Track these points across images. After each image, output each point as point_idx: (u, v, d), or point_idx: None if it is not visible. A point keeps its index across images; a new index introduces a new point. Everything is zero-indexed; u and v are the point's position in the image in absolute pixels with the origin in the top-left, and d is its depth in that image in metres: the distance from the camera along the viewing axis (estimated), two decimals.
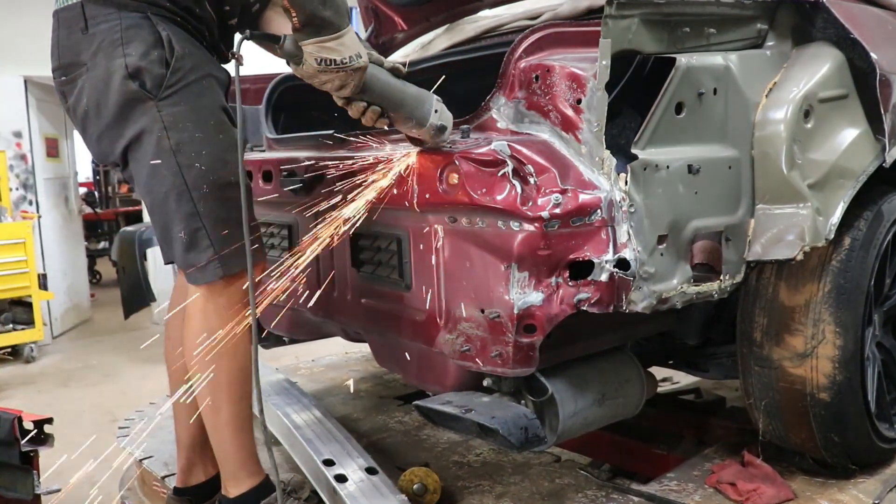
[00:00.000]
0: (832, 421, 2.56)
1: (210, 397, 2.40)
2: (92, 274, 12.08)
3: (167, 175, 2.28)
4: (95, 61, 2.27)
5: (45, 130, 9.12)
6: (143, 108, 2.25)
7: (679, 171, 2.19)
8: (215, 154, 2.31)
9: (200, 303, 2.38)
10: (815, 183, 2.40)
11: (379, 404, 3.98)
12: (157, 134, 2.26)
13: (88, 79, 2.29)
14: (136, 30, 2.24)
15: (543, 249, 2.05)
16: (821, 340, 2.50)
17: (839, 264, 2.52)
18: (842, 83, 2.54)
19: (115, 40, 2.24)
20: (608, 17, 2.04)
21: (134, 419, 3.79)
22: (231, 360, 2.39)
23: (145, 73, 2.23)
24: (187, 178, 2.27)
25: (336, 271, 2.83)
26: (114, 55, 2.24)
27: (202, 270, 2.34)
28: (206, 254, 2.32)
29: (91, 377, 7.20)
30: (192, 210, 2.29)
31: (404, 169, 2.30)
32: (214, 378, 2.37)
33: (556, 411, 2.33)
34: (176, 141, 2.26)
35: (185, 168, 2.27)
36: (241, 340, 2.38)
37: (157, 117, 2.26)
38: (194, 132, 2.28)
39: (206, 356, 2.35)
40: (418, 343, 2.46)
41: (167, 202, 2.30)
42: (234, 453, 2.47)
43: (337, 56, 2.07)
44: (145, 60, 2.23)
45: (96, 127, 2.34)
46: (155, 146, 2.27)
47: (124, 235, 7.32)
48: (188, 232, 2.31)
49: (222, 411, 2.42)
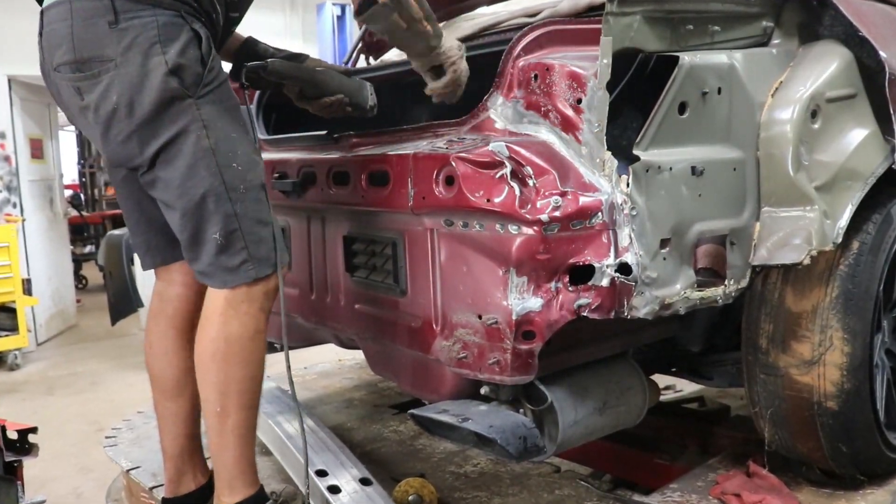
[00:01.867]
0: (840, 430, 2.56)
1: (219, 404, 2.40)
2: (78, 279, 12.07)
3: (206, 175, 2.27)
4: (128, 57, 2.21)
5: (30, 131, 9.12)
6: (182, 106, 2.25)
7: (682, 172, 2.19)
8: (248, 154, 2.34)
9: (220, 307, 2.36)
10: (822, 185, 2.40)
11: (373, 413, 3.97)
12: (196, 133, 2.26)
13: (118, 76, 2.23)
14: (173, 28, 2.23)
15: (542, 253, 2.05)
16: (828, 347, 2.50)
17: (847, 269, 2.52)
18: (850, 82, 2.54)
19: (152, 37, 2.21)
20: (609, 15, 2.04)
21: (121, 428, 3.78)
22: (244, 368, 2.38)
23: (185, 70, 2.23)
24: (226, 177, 2.28)
25: (329, 276, 2.83)
26: (151, 52, 2.21)
27: (233, 273, 2.33)
28: (240, 256, 2.32)
29: (77, 385, 7.19)
30: (229, 211, 2.29)
31: None
32: (225, 385, 2.37)
33: (555, 420, 2.33)
34: (215, 140, 2.27)
35: (223, 168, 2.28)
36: (256, 349, 2.39)
37: (197, 116, 2.25)
38: (230, 131, 2.31)
39: (220, 362, 2.36)
40: (414, 350, 2.46)
41: (204, 203, 2.29)
42: (234, 462, 2.45)
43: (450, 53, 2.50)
44: (184, 58, 2.23)
45: (125, 127, 2.27)
46: (194, 146, 2.26)
47: (111, 239, 7.31)
48: (224, 233, 2.30)
49: (230, 418, 2.40)
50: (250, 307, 2.36)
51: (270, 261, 2.35)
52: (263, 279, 2.35)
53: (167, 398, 2.68)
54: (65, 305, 9.70)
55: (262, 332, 2.40)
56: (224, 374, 2.37)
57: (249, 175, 2.32)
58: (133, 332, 8.70)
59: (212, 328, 2.38)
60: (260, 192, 2.35)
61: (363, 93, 2.68)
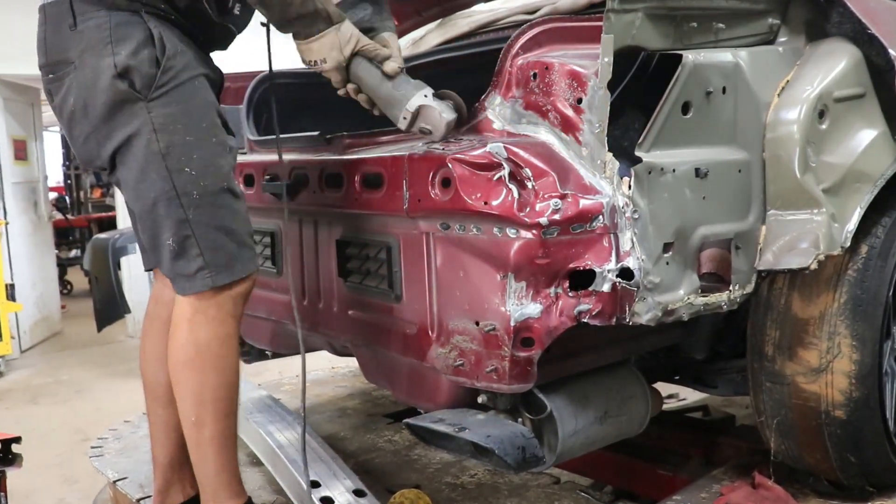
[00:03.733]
0: (848, 440, 2.56)
1: (194, 413, 2.41)
2: (63, 284, 12.06)
3: (156, 179, 2.30)
4: (83, 59, 2.29)
5: (13, 132, 9.11)
6: (133, 109, 2.28)
7: (686, 174, 2.19)
8: (207, 158, 2.34)
9: (188, 312, 2.39)
10: (830, 187, 2.40)
11: (367, 422, 3.97)
12: (146, 136, 2.28)
13: (76, 78, 2.31)
14: (126, 27, 2.27)
15: (542, 258, 2.05)
16: (836, 355, 2.50)
17: (856, 274, 2.51)
18: (858, 81, 2.54)
19: (104, 38, 2.26)
20: (610, 12, 2.04)
21: (107, 438, 3.78)
22: (218, 375, 2.40)
23: (135, 72, 2.25)
24: (177, 182, 2.30)
25: (322, 281, 2.83)
26: (102, 53, 2.26)
27: (191, 280, 2.36)
28: (195, 263, 2.34)
29: (62, 393, 7.18)
30: (181, 216, 2.32)
31: None
32: (199, 393, 2.39)
33: (555, 430, 2.33)
34: (166, 144, 2.29)
35: (174, 172, 2.30)
36: (228, 354, 2.41)
37: (147, 119, 2.28)
38: (185, 135, 2.31)
39: (192, 370, 2.37)
40: (409, 357, 2.46)
41: (156, 208, 2.33)
42: (215, 473, 2.46)
43: (306, 57, 2.40)
44: (135, 59, 2.25)
45: (83, 129, 2.36)
46: (144, 149, 2.29)
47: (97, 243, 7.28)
48: (177, 239, 2.33)
49: (206, 428, 2.42)
50: (218, 312, 2.39)
51: (231, 269, 2.37)
52: (228, 286, 2.38)
53: (159, 405, 2.68)
54: (49, 311, 9.68)
55: (232, 337, 2.43)
56: (196, 381, 2.39)
57: (206, 181, 2.33)
58: (120, 339, 8.70)
59: (181, 335, 2.40)
60: (220, 198, 2.36)
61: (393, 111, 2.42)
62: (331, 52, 2.36)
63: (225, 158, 2.39)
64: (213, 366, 2.38)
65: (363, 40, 2.40)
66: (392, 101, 2.39)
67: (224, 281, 2.36)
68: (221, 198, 2.36)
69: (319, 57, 2.37)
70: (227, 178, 2.38)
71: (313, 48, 2.36)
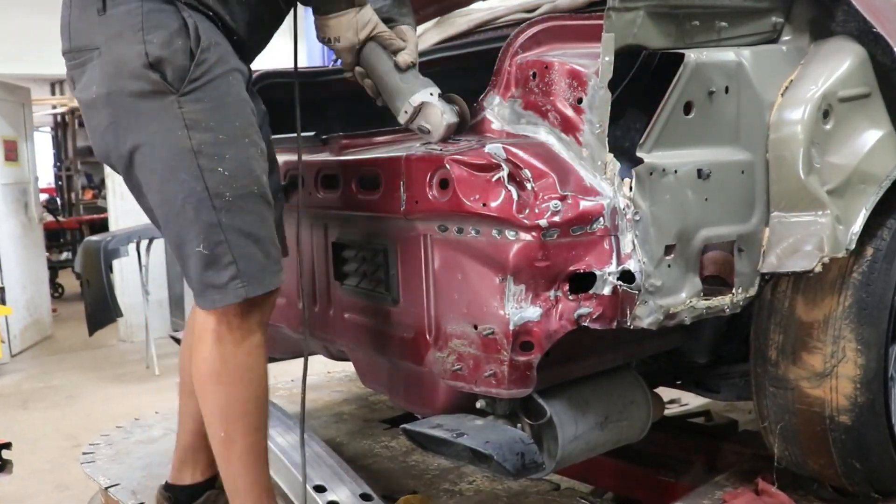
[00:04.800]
0: (853, 446, 2.56)
1: (223, 429, 2.36)
2: (54, 287, 12.06)
3: (186, 180, 2.19)
4: (110, 46, 2.19)
5: (4, 132, 9.11)
6: (163, 102, 2.17)
7: (688, 175, 2.18)
8: (240, 159, 2.24)
9: (212, 323, 2.32)
10: (834, 189, 2.40)
11: (364, 428, 3.97)
12: (176, 132, 2.17)
13: (100, 65, 2.21)
14: (159, 15, 2.17)
15: (541, 260, 2.05)
16: (841, 359, 2.50)
17: (861, 277, 2.51)
18: (864, 81, 2.54)
19: (135, 24, 2.15)
20: (611, 10, 2.04)
21: (99, 444, 3.77)
22: (246, 388, 2.34)
23: (167, 63, 2.15)
24: (209, 183, 2.19)
25: (317, 284, 2.82)
26: (132, 41, 2.15)
27: (221, 291, 2.25)
28: (227, 271, 2.23)
29: (53, 398, 7.18)
30: (213, 220, 2.20)
31: None
32: (227, 408, 2.34)
33: (555, 435, 2.33)
34: (198, 141, 2.18)
35: (206, 171, 2.18)
36: (256, 365, 2.35)
37: (178, 114, 2.17)
38: (218, 133, 2.20)
39: (218, 383, 2.33)
40: (406, 362, 2.46)
41: (184, 211, 2.21)
42: (246, 489, 2.41)
43: (322, 33, 2.43)
44: (168, 50, 2.15)
45: (102, 119, 2.25)
46: (173, 146, 2.18)
47: (89, 245, 7.30)
48: (208, 246, 2.22)
49: (236, 444, 2.36)
50: (244, 321, 2.31)
51: (261, 280, 2.27)
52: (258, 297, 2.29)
53: (184, 393, 2.72)
54: (40, 315, 9.68)
55: (260, 347, 2.36)
56: (223, 395, 2.33)
57: (239, 182, 2.22)
58: (112, 343, 8.70)
59: (205, 347, 2.34)
60: (252, 202, 2.25)
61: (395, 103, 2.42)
62: (346, 32, 2.39)
63: (257, 161, 2.29)
64: (239, 378, 2.32)
65: (381, 27, 2.40)
66: (396, 93, 2.39)
67: (256, 293, 2.26)
68: (253, 202, 2.25)
69: (334, 35, 2.40)
70: (259, 182, 2.28)
71: (331, 24, 2.39)
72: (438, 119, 2.30)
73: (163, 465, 3.08)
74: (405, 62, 2.40)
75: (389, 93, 2.42)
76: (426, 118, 2.33)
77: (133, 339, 8.64)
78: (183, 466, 2.75)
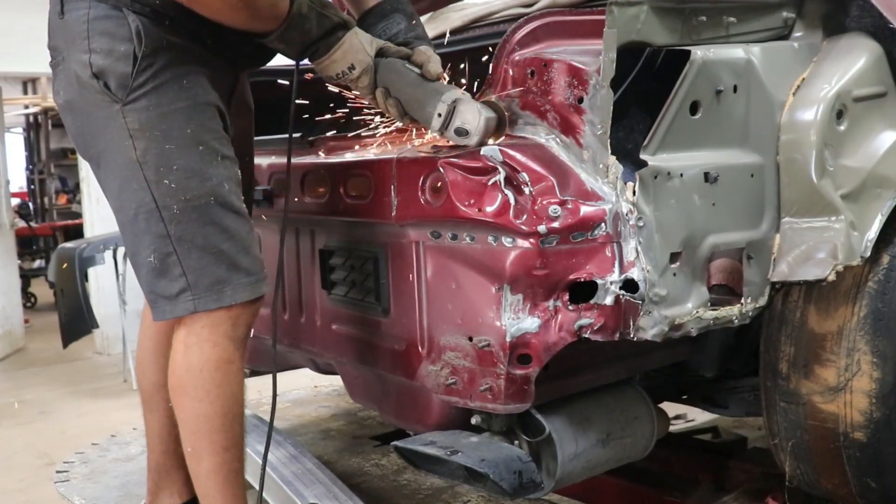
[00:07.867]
0: (869, 464, 2.56)
1: (190, 444, 2.36)
2: (26, 297, 12.02)
3: (136, 189, 2.23)
4: (69, 52, 2.25)
5: None
6: (110, 112, 2.21)
7: (694, 179, 2.18)
8: (191, 168, 2.23)
9: (181, 333, 2.33)
10: (849, 193, 2.40)
11: (353, 445, 3.97)
12: (124, 143, 2.21)
13: (64, 71, 2.29)
14: (105, 21, 2.20)
15: (540, 269, 2.05)
16: (855, 372, 2.50)
17: (876, 286, 2.51)
18: (880, 79, 2.54)
19: (82, 32, 2.20)
20: (614, 5, 2.04)
21: (74, 462, 3.78)
22: (212, 404, 2.32)
23: (109, 72, 2.19)
24: (156, 194, 2.21)
25: (304, 293, 2.82)
26: (80, 50, 2.21)
27: (171, 302, 2.28)
28: (177, 283, 2.26)
29: (25, 414, 7.15)
30: (161, 231, 2.23)
31: None
32: (193, 422, 2.33)
33: (554, 453, 2.32)
34: (142, 151, 2.21)
35: (152, 183, 2.21)
36: (224, 382, 2.33)
37: (123, 124, 2.20)
38: (164, 142, 2.21)
39: (184, 396, 2.32)
40: (397, 375, 2.46)
41: (137, 221, 2.25)
42: None
43: (331, 71, 2.32)
44: (110, 58, 2.19)
45: (70, 123, 2.34)
46: (123, 156, 2.23)
47: (63, 253, 7.28)
48: (158, 257, 2.25)
49: (203, 461, 2.36)
50: (212, 333, 2.30)
51: (220, 294, 2.27)
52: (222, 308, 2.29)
53: (146, 409, 2.72)
54: (11, 326, 9.64)
55: (230, 363, 2.34)
56: (189, 409, 2.33)
57: (189, 193, 2.23)
58: (87, 356, 8.67)
59: (174, 357, 2.35)
60: (207, 213, 2.25)
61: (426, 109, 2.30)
62: (357, 55, 2.31)
63: (215, 168, 2.27)
64: (205, 393, 2.30)
65: (380, 40, 2.38)
66: (427, 98, 2.29)
67: (208, 307, 2.26)
68: (209, 213, 2.25)
69: (346, 65, 2.30)
70: (217, 191, 2.26)
71: (336, 58, 2.29)
72: (476, 114, 2.20)
73: (141, 484, 3.08)
74: (435, 72, 2.34)
75: (418, 101, 2.31)
76: (462, 117, 2.22)
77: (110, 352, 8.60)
78: (159, 491, 2.73)
